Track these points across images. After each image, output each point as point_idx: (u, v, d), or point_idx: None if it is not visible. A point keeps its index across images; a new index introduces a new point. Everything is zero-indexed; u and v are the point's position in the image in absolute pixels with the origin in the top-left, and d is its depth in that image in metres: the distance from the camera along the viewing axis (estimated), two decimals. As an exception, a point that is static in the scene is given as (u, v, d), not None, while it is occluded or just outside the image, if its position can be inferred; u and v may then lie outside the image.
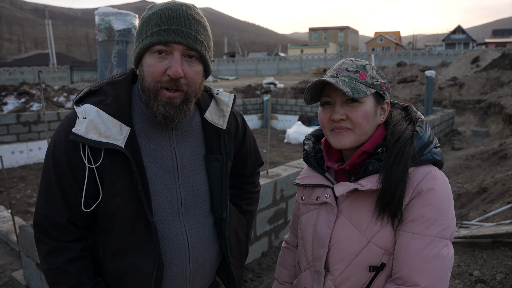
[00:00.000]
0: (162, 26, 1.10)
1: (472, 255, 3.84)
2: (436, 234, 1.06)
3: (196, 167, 1.29)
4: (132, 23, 1.89)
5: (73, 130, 1.10)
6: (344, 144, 1.18)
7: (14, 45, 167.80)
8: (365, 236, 1.13)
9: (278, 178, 3.69)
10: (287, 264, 1.50)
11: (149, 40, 1.10)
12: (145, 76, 1.13)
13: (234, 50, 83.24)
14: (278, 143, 12.25)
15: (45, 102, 12.46)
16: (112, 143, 1.11)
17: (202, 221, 1.32)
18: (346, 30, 74.51)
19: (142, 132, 1.21)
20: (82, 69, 35.84)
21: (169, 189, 1.23)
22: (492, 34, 76.59)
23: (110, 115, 1.15)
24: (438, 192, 1.09)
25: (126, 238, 1.19)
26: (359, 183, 1.14)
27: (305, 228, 1.29)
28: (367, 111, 1.16)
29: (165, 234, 1.23)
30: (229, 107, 1.35)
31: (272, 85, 22.28)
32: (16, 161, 8.95)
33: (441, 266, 1.04)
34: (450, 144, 10.48)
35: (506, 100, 12.97)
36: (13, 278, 3.02)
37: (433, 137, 1.20)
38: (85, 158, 1.12)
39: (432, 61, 34.31)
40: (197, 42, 1.13)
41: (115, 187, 1.15)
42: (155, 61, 1.11)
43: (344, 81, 1.14)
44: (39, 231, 1.18)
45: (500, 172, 6.35)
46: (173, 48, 1.11)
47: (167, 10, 1.12)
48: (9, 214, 4.73)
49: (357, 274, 1.14)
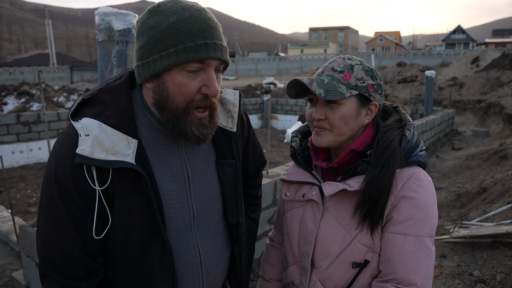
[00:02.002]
0: (198, 41, 0.97)
1: (472, 255, 3.84)
2: (426, 233, 1.12)
3: (207, 176, 1.21)
4: (132, 23, 1.89)
5: (78, 152, 0.97)
6: (321, 143, 1.20)
7: (14, 45, 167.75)
8: (349, 234, 1.16)
9: (278, 178, 3.69)
10: (273, 261, 1.50)
11: (183, 57, 0.97)
12: (172, 95, 1.01)
13: (234, 50, 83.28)
14: (278, 143, 12.24)
15: (45, 102, 12.46)
16: (123, 161, 0.99)
17: (215, 232, 1.25)
18: (346, 30, 74.50)
19: (150, 144, 1.10)
20: (82, 69, 35.84)
21: (182, 203, 1.15)
22: (492, 34, 76.60)
23: (114, 128, 1.02)
24: (424, 193, 1.14)
25: (138, 258, 1.10)
26: (347, 183, 1.16)
27: (290, 225, 1.31)
28: (345, 113, 1.16)
29: (177, 251, 1.15)
30: (236, 107, 1.24)
31: (272, 85, 22.27)
32: (16, 161, 8.94)
33: (430, 264, 1.11)
34: (450, 144, 10.48)
35: (506, 100, 12.97)
36: (13, 278, 3.02)
37: (419, 141, 1.22)
38: (94, 180, 1.00)
39: (432, 61, 34.29)
40: (227, 53, 1.04)
41: (126, 206, 1.04)
42: (187, 79, 1.00)
43: (322, 82, 1.15)
44: (48, 267, 1.04)
45: (500, 172, 6.35)
46: (208, 65, 1.00)
47: (195, 20, 0.98)
48: (9, 214, 4.73)
49: (342, 270, 1.17)
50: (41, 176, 7.98)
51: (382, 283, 1.12)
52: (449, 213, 5.25)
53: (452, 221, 4.85)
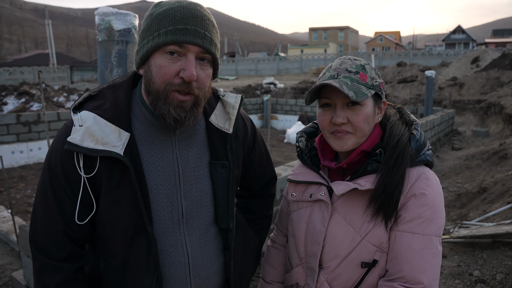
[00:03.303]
0: (178, 25, 1.02)
1: (472, 255, 3.84)
2: (433, 233, 1.11)
3: (199, 175, 1.22)
4: (132, 23, 1.88)
5: (68, 139, 1.04)
6: (346, 147, 1.19)
7: (14, 45, 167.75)
8: (359, 234, 1.15)
9: (278, 178, 3.68)
10: (275, 263, 1.48)
11: (162, 39, 1.02)
12: (153, 77, 1.06)
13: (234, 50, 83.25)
14: (278, 143, 12.24)
15: (45, 102, 12.46)
16: (109, 150, 1.04)
17: (205, 233, 1.24)
18: (346, 30, 74.48)
19: (142, 138, 1.14)
20: (82, 69, 35.85)
21: (170, 199, 1.16)
22: (492, 34, 76.59)
23: (108, 121, 1.08)
24: (432, 193, 1.13)
25: (125, 250, 1.13)
26: (357, 183, 1.15)
27: (297, 225, 1.30)
28: (368, 114, 1.17)
29: (164, 247, 1.16)
30: (235, 110, 1.25)
31: (272, 85, 22.26)
32: (16, 161, 8.94)
33: (437, 263, 1.11)
34: (450, 144, 10.47)
35: (506, 100, 12.97)
36: (13, 278, 3.02)
37: (426, 140, 1.23)
38: (80, 167, 1.06)
39: (432, 61, 34.30)
40: (212, 44, 1.07)
41: (113, 196, 1.09)
42: (167, 62, 1.04)
43: (347, 84, 1.13)
44: (34, 245, 1.12)
45: (500, 172, 6.35)
46: (187, 50, 1.04)
47: (182, 9, 1.04)
48: (9, 214, 4.73)
49: (350, 270, 1.17)
50: (41, 176, 7.96)
51: (389, 282, 1.12)
52: (449, 213, 5.25)
53: (452, 221, 4.85)
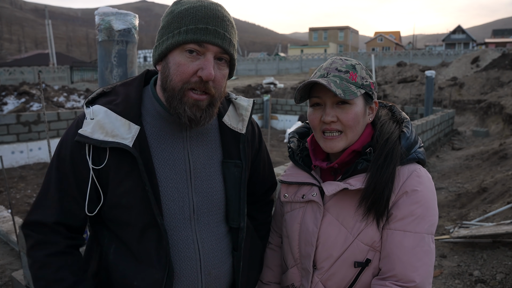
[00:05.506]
0: (199, 25, 1.04)
1: (472, 255, 3.84)
2: (425, 230, 1.11)
3: (211, 172, 1.22)
4: (132, 23, 1.88)
5: (79, 131, 1.07)
6: (337, 148, 1.19)
7: (14, 45, 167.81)
8: (351, 234, 1.15)
9: (278, 178, 3.68)
10: (271, 264, 1.47)
11: (183, 37, 1.04)
12: (171, 74, 1.07)
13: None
14: (278, 143, 12.24)
15: (45, 102, 12.46)
16: (117, 142, 1.06)
17: (216, 231, 1.23)
18: (346, 30, 74.46)
19: (153, 132, 1.16)
20: (82, 69, 35.84)
21: (181, 193, 1.16)
22: (492, 34, 76.57)
23: (119, 114, 1.10)
24: (424, 190, 1.13)
25: (136, 242, 1.13)
26: (348, 183, 1.16)
27: (290, 226, 1.29)
28: (358, 113, 1.17)
29: (175, 242, 1.15)
30: (248, 112, 1.28)
31: (272, 85, 22.26)
32: (16, 161, 8.94)
33: (430, 261, 1.10)
34: (450, 144, 10.47)
35: (506, 100, 12.97)
36: (13, 278, 3.02)
37: (417, 138, 1.23)
38: (90, 159, 1.08)
39: (432, 61, 34.29)
40: (231, 45, 1.09)
41: (122, 187, 1.10)
42: (185, 60, 1.05)
43: (336, 82, 1.14)
44: (28, 226, 1.14)
45: (500, 172, 6.34)
46: (207, 49, 1.05)
47: (204, 8, 1.05)
48: (9, 214, 4.73)
49: (344, 270, 1.17)
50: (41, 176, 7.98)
51: (381, 280, 1.12)
52: (449, 213, 5.25)
53: (452, 221, 4.85)
